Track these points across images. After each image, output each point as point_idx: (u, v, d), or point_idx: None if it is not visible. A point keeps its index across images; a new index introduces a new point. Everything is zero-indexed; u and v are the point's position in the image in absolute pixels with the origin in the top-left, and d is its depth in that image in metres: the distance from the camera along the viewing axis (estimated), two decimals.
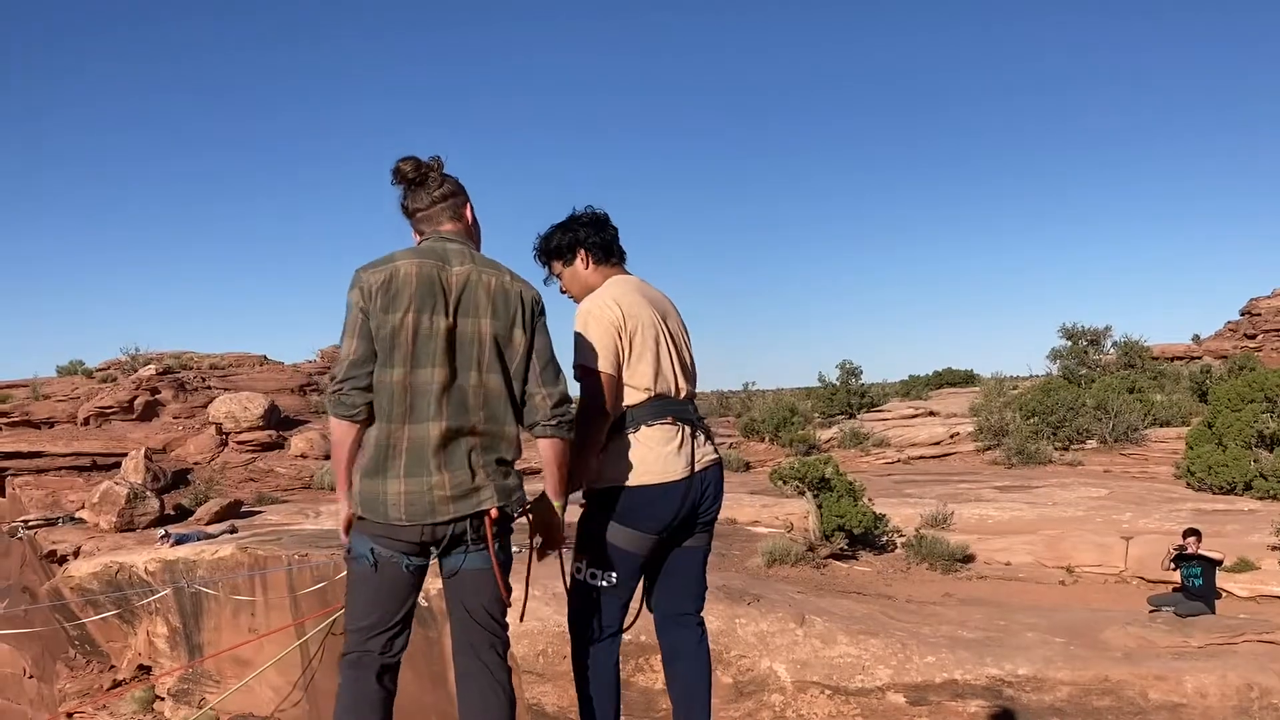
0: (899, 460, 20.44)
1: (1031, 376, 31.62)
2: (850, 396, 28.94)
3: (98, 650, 15.14)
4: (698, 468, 3.38)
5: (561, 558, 3.45)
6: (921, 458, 20.67)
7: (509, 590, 3.14)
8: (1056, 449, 19.17)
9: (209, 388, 26.01)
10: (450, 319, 2.86)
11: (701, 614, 3.59)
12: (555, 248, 3.60)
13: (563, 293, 3.65)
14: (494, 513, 2.92)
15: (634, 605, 3.53)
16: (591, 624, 3.44)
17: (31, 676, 20.79)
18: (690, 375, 3.54)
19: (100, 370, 28.70)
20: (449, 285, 2.89)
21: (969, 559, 10.68)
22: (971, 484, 15.21)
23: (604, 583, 3.37)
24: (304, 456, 21.98)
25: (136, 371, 26.15)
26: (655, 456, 3.30)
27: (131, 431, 23.02)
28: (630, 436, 3.33)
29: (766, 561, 10.42)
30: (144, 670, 14.27)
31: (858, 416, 27.15)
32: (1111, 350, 29.91)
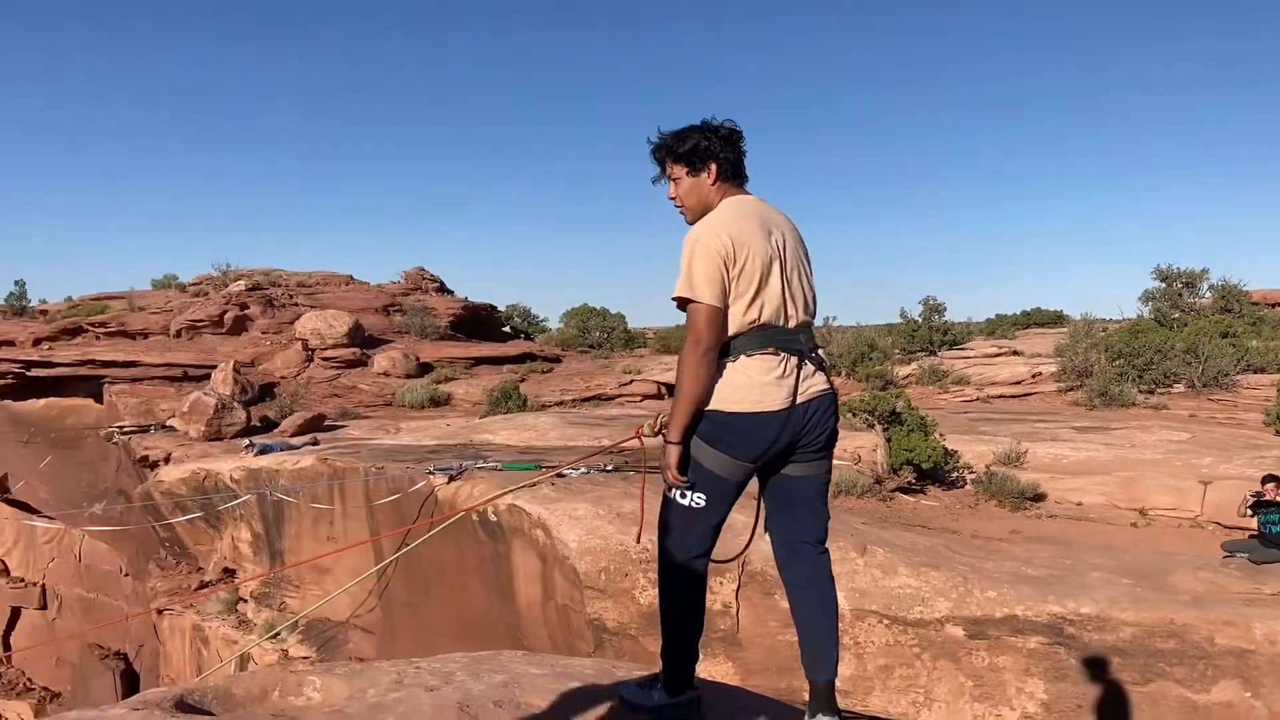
0: (977, 398, 20.14)
1: (1123, 319, 30.80)
2: (932, 333, 28.50)
3: (186, 552, 15.81)
4: (801, 399, 3.31)
5: (644, 481, 3.61)
6: (1001, 396, 20.34)
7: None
8: (1141, 392, 18.71)
9: (296, 305, 26.64)
10: None
11: (824, 543, 3.51)
12: (687, 152, 3.43)
13: (671, 199, 3.52)
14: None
15: (746, 535, 3.58)
16: (678, 542, 3.44)
17: (127, 574, 21.86)
18: (805, 303, 3.42)
19: (193, 285, 29.62)
20: None
21: (1039, 498, 10.55)
22: (1049, 424, 14.96)
23: (692, 503, 3.36)
24: (386, 374, 22.46)
25: (227, 287, 26.92)
26: (753, 385, 3.25)
27: (221, 345, 23.75)
28: (730, 364, 3.28)
29: (832, 492, 10.42)
30: (228, 573, 14.88)
31: (938, 354, 26.77)
32: (1208, 294, 28.91)
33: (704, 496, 3.36)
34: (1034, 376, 21.41)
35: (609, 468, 10.48)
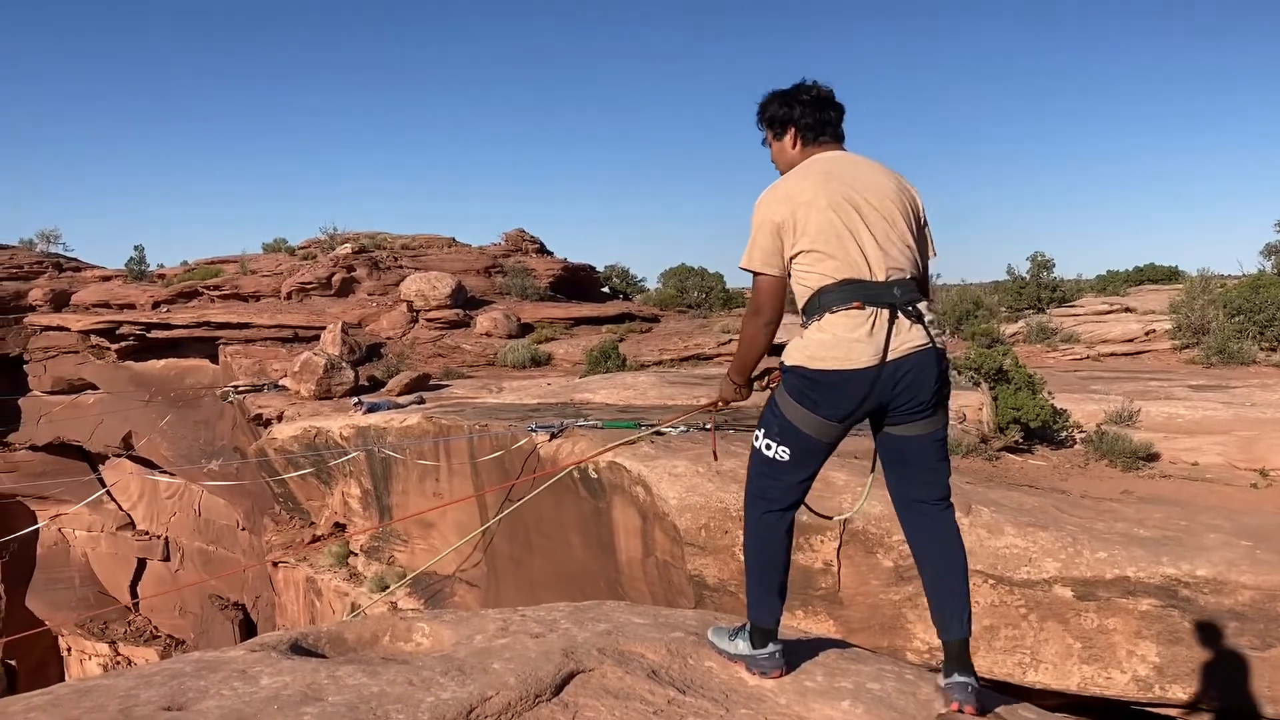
0: (1087, 357, 19.58)
1: (1243, 274, 29.55)
2: (1040, 290, 27.74)
3: (299, 507, 16.35)
4: (893, 356, 3.21)
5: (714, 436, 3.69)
6: (1112, 355, 19.73)
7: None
8: (1262, 349, 17.96)
9: (401, 267, 27.15)
10: None
11: (948, 500, 3.46)
12: (769, 119, 3.54)
13: (772, 161, 3.61)
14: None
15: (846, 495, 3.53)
16: (764, 494, 3.48)
17: (243, 529, 22.76)
18: (900, 255, 3.32)
19: (301, 248, 30.37)
20: None
21: (1153, 457, 10.21)
22: (1163, 382, 14.46)
23: (777, 455, 3.39)
24: (488, 335, 22.78)
25: (334, 250, 27.54)
26: (837, 342, 3.21)
27: (329, 306, 24.36)
28: (815, 321, 3.26)
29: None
30: (339, 527, 15.36)
31: (1047, 311, 26.06)
32: None
33: (788, 451, 3.38)
34: (1147, 334, 20.72)
35: (708, 426, 10.49)
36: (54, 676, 25.16)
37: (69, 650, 26.80)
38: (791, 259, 3.32)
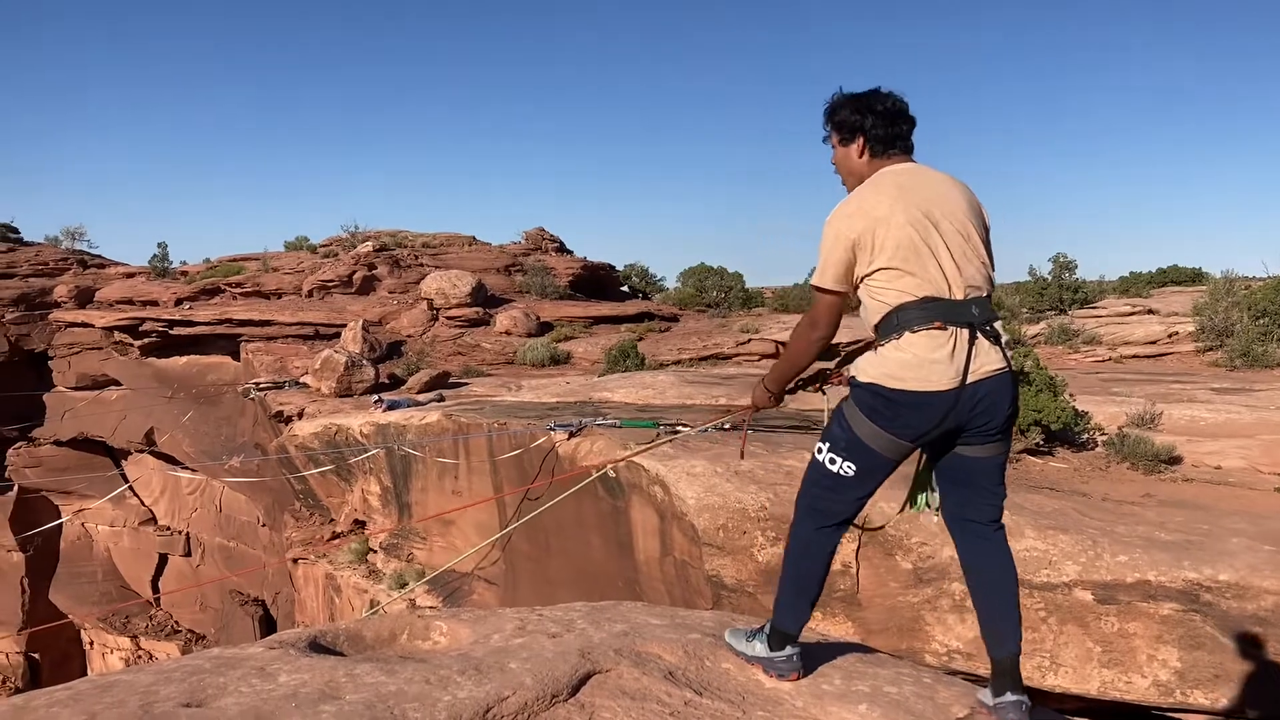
0: (1109, 359, 19.45)
1: (1268, 276, 29.27)
2: (1062, 292, 27.57)
3: (319, 504, 16.43)
4: (972, 378, 3.15)
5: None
6: (1134, 357, 19.60)
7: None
8: None
9: (421, 265, 27.24)
10: None
11: (999, 522, 3.44)
12: (839, 123, 3.43)
13: (832, 164, 3.52)
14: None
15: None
16: (818, 506, 3.41)
17: (264, 524, 22.87)
18: (976, 273, 3.25)
19: (323, 246, 30.53)
20: None
21: (1175, 460, 10.13)
22: (1185, 385, 14.35)
23: (841, 470, 3.32)
24: (508, 333, 22.83)
25: (356, 248, 27.67)
26: (919, 363, 3.14)
27: (350, 304, 24.46)
28: (894, 340, 3.18)
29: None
30: (359, 524, 15.42)
31: (1069, 313, 25.90)
32: None
33: (854, 467, 3.30)
34: (1170, 336, 20.55)
35: (727, 426, 10.49)
36: (76, 669, 25.39)
37: (91, 644, 27.03)
38: (864, 276, 3.25)
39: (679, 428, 10.16)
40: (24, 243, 31.69)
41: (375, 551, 14.97)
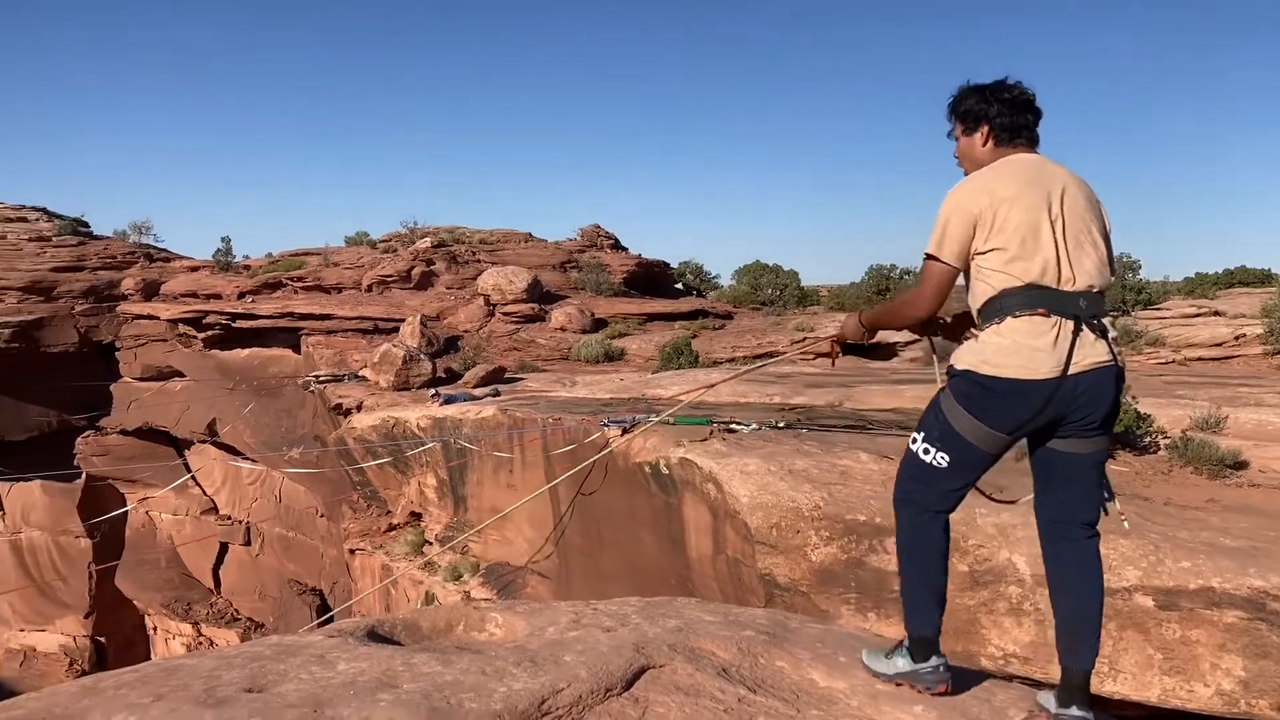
0: (1173, 360, 19.07)
1: None
2: (1125, 293, 27.10)
3: (376, 496, 16.63)
4: (1074, 370, 3.08)
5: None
6: (1199, 359, 19.18)
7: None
8: None
9: (478, 261, 27.47)
10: None
11: (1094, 526, 3.31)
12: (963, 113, 3.41)
13: (955, 157, 3.49)
14: None
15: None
16: (912, 497, 3.37)
17: (322, 515, 23.20)
18: (1091, 266, 3.20)
19: (382, 242, 30.91)
20: None
21: (1241, 465, 9.90)
22: (1253, 388, 14.01)
23: (934, 461, 3.27)
24: (563, 329, 22.92)
25: (414, 244, 27.97)
26: (1019, 349, 3.09)
27: (408, 299, 24.73)
28: (995, 325, 3.14)
29: (1015, 456, 10.00)
30: (415, 516, 15.59)
31: (1132, 314, 25.44)
32: None
33: (947, 458, 3.25)
34: (1237, 338, 20.09)
35: (780, 424, 10.44)
36: (140, 654, 25.96)
37: (154, 629, 27.64)
38: (977, 254, 3.21)
39: (733, 425, 10.14)
40: (94, 236, 32.43)
41: (430, 544, 15.12)
